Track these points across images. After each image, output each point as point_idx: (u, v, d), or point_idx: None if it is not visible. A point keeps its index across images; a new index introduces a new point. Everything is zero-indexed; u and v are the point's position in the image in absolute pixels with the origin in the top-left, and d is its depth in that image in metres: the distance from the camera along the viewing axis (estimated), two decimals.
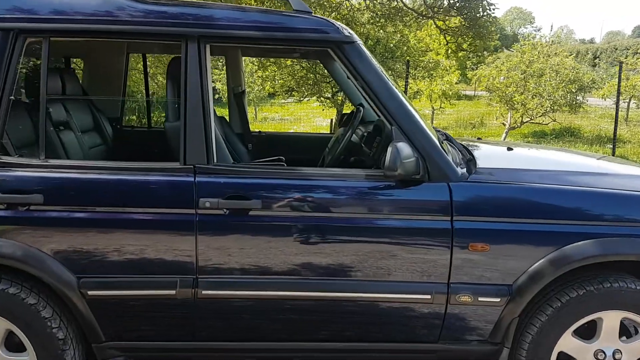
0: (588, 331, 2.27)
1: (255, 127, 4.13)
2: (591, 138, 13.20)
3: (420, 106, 16.11)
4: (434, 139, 2.24)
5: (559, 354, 2.27)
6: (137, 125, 6.73)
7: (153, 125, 4.24)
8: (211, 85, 2.24)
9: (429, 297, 2.20)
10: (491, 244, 2.16)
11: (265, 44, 2.29)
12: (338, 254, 2.17)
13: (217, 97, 15.02)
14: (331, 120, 12.05)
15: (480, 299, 2.20)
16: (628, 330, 2.35)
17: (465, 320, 2.24)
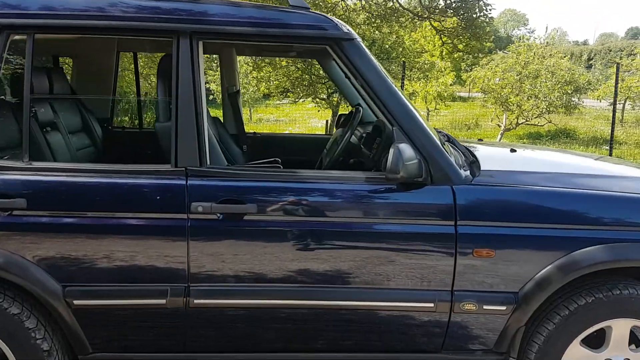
0: (597, 340, 2.19)
1: (250, 129, 4.04)
2: (587, 139, 13.19)
3: (416, 107, 16.01)
4: (437, 140, 2.15)
5: None
6: (129, 126, 6.61)
7: (145, 126, 4.13)
8: (204, 83, 2.15)
9: (431, 306, 2.11)
10: (496, 250, 2.07)
11: (260, 41, 2.20)
12: (337, 260, 2.08)
13: (212, 98, 14.92)
14: (326, 121, 11.97)
15: (485, 307, 2.11)
16: (638, 339, 2.27)
17: (470, 329, 2.16)
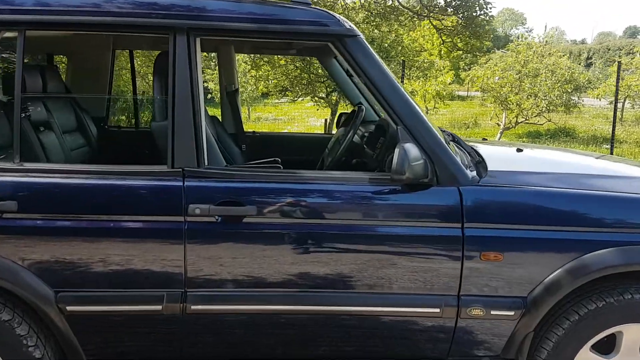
0: (607, 346, 2.12)
1: (249, 127, 3.97)
2: (586, 138, 13.14)
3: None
4: (442, 140, 2.08)
5: None
6: (125, 125, 6.53)
7: (142, 126, 4.05)
8: (202, 81, 2.07)
9: (437, 311, 2.05)
10: (505, 253, 2.00)
11: (260, 38, 2.12)
12: (339, 264, 2.01)
13: (210, 97, 14.83)
14: (325, 120, 11.88)
15: (492, 312, 2.05)
16: None
17: (477, 335, 2.09)
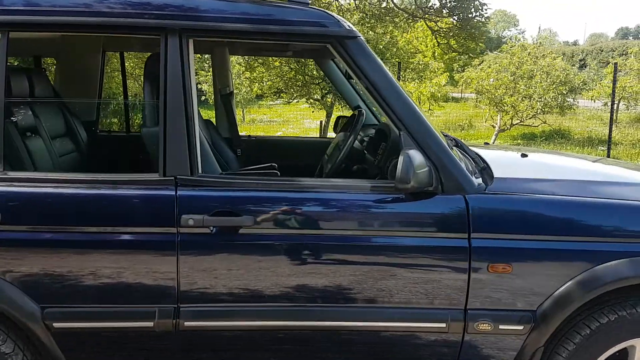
0: None
1: (243, 129, 3.86)
2: (582, 140, 13.12)
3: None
4: (447, 145, 1.99)
5: None
6: (117, 129, 6.41)
7: (133, 130, 3.95)
8: (195, 85, 1.98)
9: (443, 326, 1.96)
10: (514, 265, 1.92)
11: (256, 39, 2.03)
12: (339, 277, 1.92)
13: (204, 99, 14.70)
14: (320, 122, 11.78)
15: (501, 326, 1.96)
16: None
17: (484, 350, 2.00)
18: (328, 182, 2.00)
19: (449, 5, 10.36)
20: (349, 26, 2.02)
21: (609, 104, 12.81)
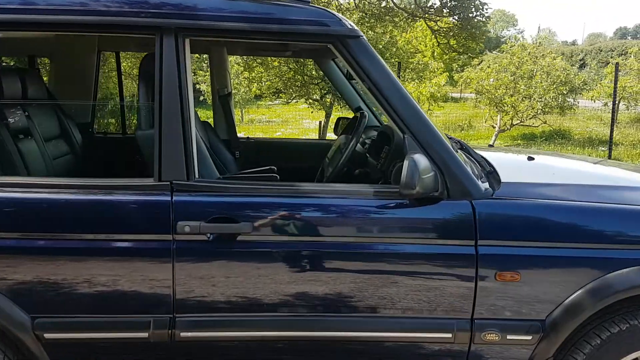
0: None
1: (242, 130, 3.79)
2: (582, 140, 13.06)
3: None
4: (452, 149, 1.93)
5: None
6: (114, 131, 6.33)
7: (130, 132, 3.87)
8: (191, 86, 1.91)
9: (449, 336, 1.89)
10: (522, 273, 1.85)
11: (254, 39, 1.96)
12: (341, 285, 1.85)
13: (202, 99, 14.63)
14: (320, 122, 11.71)
15: (509, 337, 1.89)
16: None
17: None
18: (329, 187, 1.94)
19: (449, 4, 10.30)
20: (351, 25, 1.95)
21: (609, 104, 12.77)
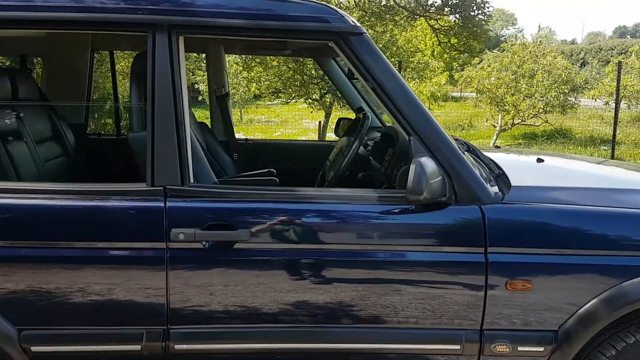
0: None
1: (241, 130, 3.70)
2: (584, 139, 12.97)
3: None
4: (460, 152, 1.84)
5: None
6: (110, 132, 6.24)
7: (125, 133, 3.77)
8: (186, 86, 1.81)
9: (457, 348, 1.80)
10: (534, 281, 1.76)
11: (253, 36, 1.87)
12: (344, 295, 1.77)
13: (201, 99, 14.52)
14: (319, 122, 11.61)
15: (520, 348, 1.81)
16: None
17: None
18: (332, 192, 1.84)
19: (450, 3, 10.20)
20: (353, 22, 1.86)
21: (610, 103, 12.68)
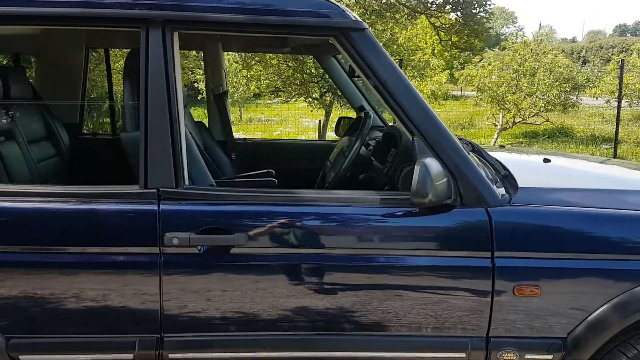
0: None
1: (240, 129, 3.63)
2: (585, 138, 12.90)
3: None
4: (466, 153, 1.77)
5: None
6: (108, 131, 6.16)
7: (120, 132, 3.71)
8: (181, 84, 1.74)
9: (463, 356, 1.74)
10: (542, 286, 1.69)
11: (251, 32, 1.80)
12: (345, 301, 1.70)
13: (201, 98, 14.45)
14: (319, 121, 11.54)
15: (527, 356, 1.75)
16: None
17: None
18: (333, 195, 1.78)
19: (451, 0, 10.11)
20: (355, 17, 1.79)
21: (612, 102, 12.60)
